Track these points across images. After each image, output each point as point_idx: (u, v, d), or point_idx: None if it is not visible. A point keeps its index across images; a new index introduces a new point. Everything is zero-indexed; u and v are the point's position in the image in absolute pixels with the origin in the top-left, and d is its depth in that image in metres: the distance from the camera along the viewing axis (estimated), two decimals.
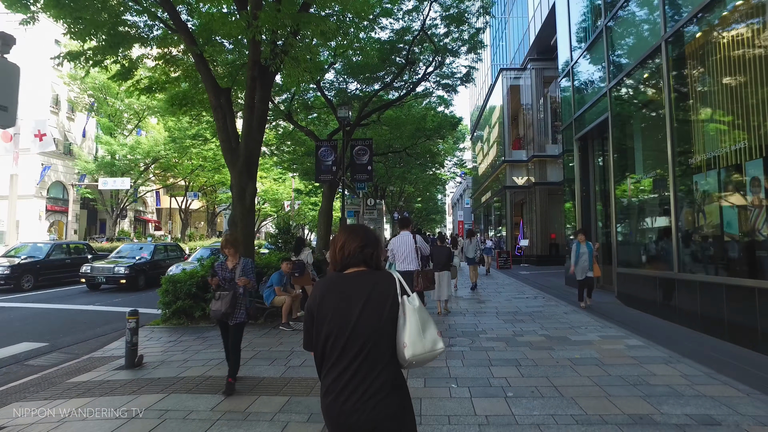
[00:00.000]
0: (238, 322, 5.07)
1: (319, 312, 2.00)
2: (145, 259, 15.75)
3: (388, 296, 2.01)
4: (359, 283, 2.03)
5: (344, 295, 2.00)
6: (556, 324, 8.28)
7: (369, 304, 1.97)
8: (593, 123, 12.17)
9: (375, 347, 1.94)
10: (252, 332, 8.00)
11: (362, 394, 1.90)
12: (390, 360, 1.98)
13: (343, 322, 1.95)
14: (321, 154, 13.23)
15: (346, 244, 2.10)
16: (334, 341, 1.95)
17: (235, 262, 5.14)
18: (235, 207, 9.10)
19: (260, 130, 9.32)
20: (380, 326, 1.95)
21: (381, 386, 1.92)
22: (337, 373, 1.94)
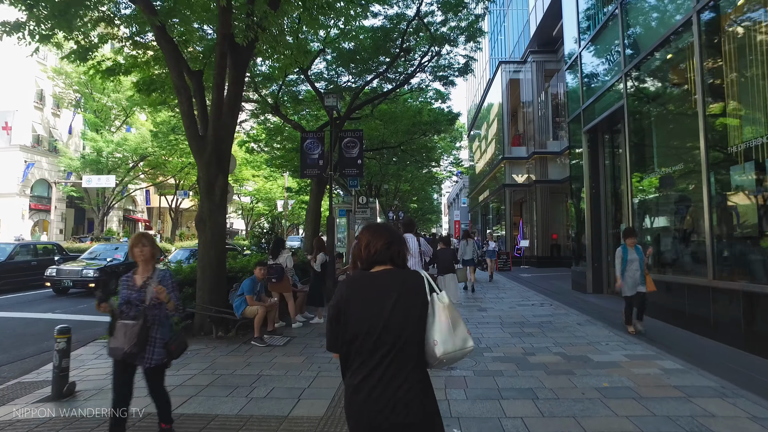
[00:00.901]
0: (153, 366, 3.54)
1: (346, 311, 1.96)
2: (119, 260, 14.57)
3: (417, 294, 1.98)
4: (388, 282, 2.00)
5: (373, 294, 1.97)
6: (570, 338, 7.19)
7: (399, 303, 1.93)
8: (605, 113, 11.08)
9: (405, 346, 1.91)
10: (218, 349, 6.87)
11: (393, 395, 1.87)
12: (419, 360, 1.95)
13: (372, 321, 1.91)
14: (306, 146, 12.10)
15: (371, 243, 2.07)
16: (363, 340, 1.92)
17: (147, 275, 3.58)
18: (203, 203, 7.96)
19: (232, 115, 8.17)
20: (410, 325, 1.93)
21: (411, 386, 1.89)
22: (366, 372, 1.91)
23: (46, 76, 37.16)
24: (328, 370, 5.70)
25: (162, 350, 3.56)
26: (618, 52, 10.34)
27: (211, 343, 7.24)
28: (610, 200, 12.11)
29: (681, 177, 8.33)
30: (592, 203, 12.26)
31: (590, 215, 12.27)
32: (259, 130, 22.45)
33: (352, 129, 13.49)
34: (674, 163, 8.55)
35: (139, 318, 3.43)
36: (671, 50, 8.34)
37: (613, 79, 10.53)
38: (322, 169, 11.98)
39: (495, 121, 27.98)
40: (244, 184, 49.23)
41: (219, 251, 7.94)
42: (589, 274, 12.11)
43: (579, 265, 13.04)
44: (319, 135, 12.22)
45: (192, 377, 5.49)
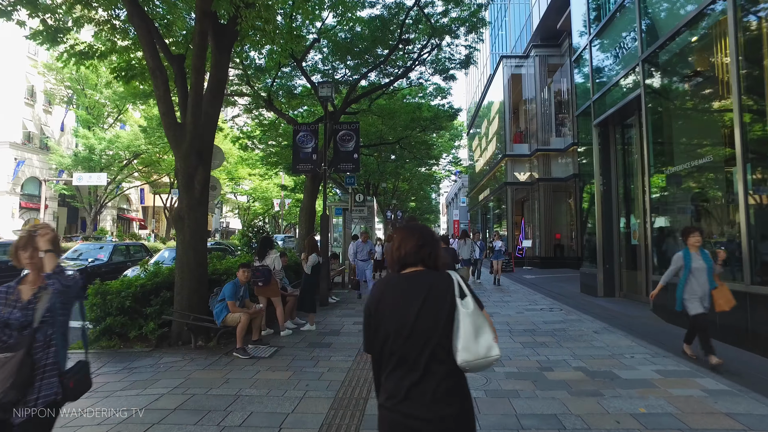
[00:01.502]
0: (36, 414, 2.35)
1: (376, 312, 1.96)
2: (101, 261, 13.79)
3: (445, 297, 1.91)
4: (416, 284, 1.97)
5: (401, 296, 1.94)
6: (589, 348, 6.45)
7: (426, 306, 1.90)
8: (618, 104, 10.35)
9: (437, 349, 1.86)
10: (195, 361, 6.11)
11: (428, 399, 1.83)
12: (451, 363, 1.87)
13: (400, 323, 1.89)
14: (299, 140, 11.32)
15: (402, 244, 2.05)
16: (392, 343, 1.90)
17: (38, 286, 2.49)
18: (181, 198, 7.20)
19: (215, 103, 7.42)
20: (437, 328, 1.87)
21: (446, 391, 1.85)
22: (398, 376, 1.89)
23: (37, 72, 36.37)
24: (316, 389, 4.95)
25: (55, 382, 2.43)
26: (633, 38, 9.60)
27: (188, 354, 6.49)
28: (622, 198, 11.37)
29: (710, 171, 7.60)
30: (602, 201, 11.52)
31: (601, 214, 11.53)
32: (252, 126, 21.68)
33: (347, 121, 12.70)
34: (701, 156, 7.81)
35: (18, 347, 2.32)
36: (699, 31, 7.59)
37: (628, 68, 9.79)
38: (315, 164, 11.22)
39: (496, 118, 27.24)
40: (240, 183, 48.49)
41: (199, 252, 7.18)
42: (600, 276, 11.38)
43: (588, 267, 12.31)
44: (312, 127, 11.46)
45: (159, 398, 4.73)
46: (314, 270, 8.23)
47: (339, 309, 10.44)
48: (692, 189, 8.20)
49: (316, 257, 8.19)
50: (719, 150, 7.25)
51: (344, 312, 10.02)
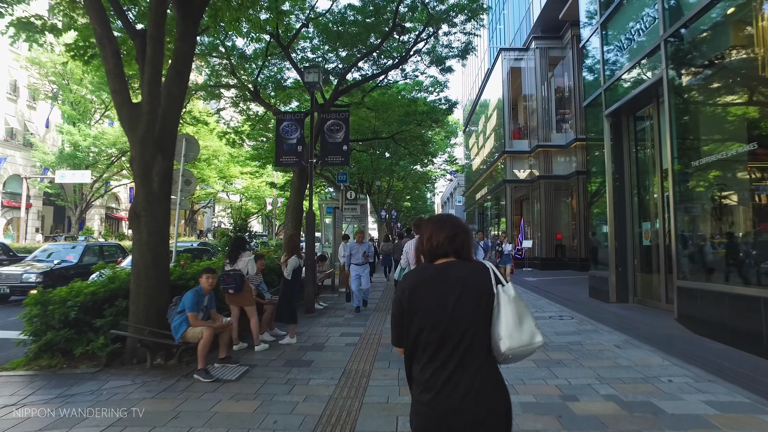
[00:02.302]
0: None
1: (410, 304, 1.90)
2: (70, 262, 12.70)
3: (483, 286, 1.88)
4: (452, 273, 1.91)
5: (437, 286, 1.89)
6: (616, 369, 5.46)
7: (464, 295, 1.85)
8: (635, 91, 9.40)
9: (474, 340, 1.83)
10: (147, 386, 5.08)
11: (465, 392, 1.78)
12: (488, 354, 1.86)
13: (437, 314, 1.85)
14: (283, 130, 10.28)
15: (434, 235, 2.00)
16: (428, 335, 1.85)
17: None
18: (137, 193, 6.17)
19: (180, 81, 6.37)
20: (476, 318, 1.84)
21: (483, 382, 1.81)
22: (434, 369, 1.83)
23: (19, 66, 35.13)
24: (286, 428, 3.94)
25: None
26: (654, 16, 8.63)
27: (142, 376, 5.45)
28: (636, 194, 10.42)
29: (750, 163, 6.62)
30: (615, 198, 10.56)
31: (613, 212, 10.56)
32: (242, 121, 20.64)
33: (336, 109, 11.67)
34: (738, 146, 6.83)
35: None
36: (736, 0, 6.62)
37: (648, 49, 8.81)
38: (300, 157, 10.19)
39: (494, 114, 26.28)
40: (233, 182, 47.41)
41: (158, 254, 6.15)
42: (612, 280, 10.42)
43: (598, 270, 11.34)
44: (297, 117, 10.42)
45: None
46: (295, 275, 7.21)
47: (326, 317, 9.43)
48: (727, 183, 7.23)
49: (296, 260, 7.16)
50: (760, 137, 6.29)
51: (331, 320, 9.01)
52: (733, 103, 7.16)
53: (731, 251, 7.09)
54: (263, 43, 15.28)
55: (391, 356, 6.25)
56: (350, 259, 9.98)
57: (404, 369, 2.01)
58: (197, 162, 37.94)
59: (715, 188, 7.54)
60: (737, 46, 6.80)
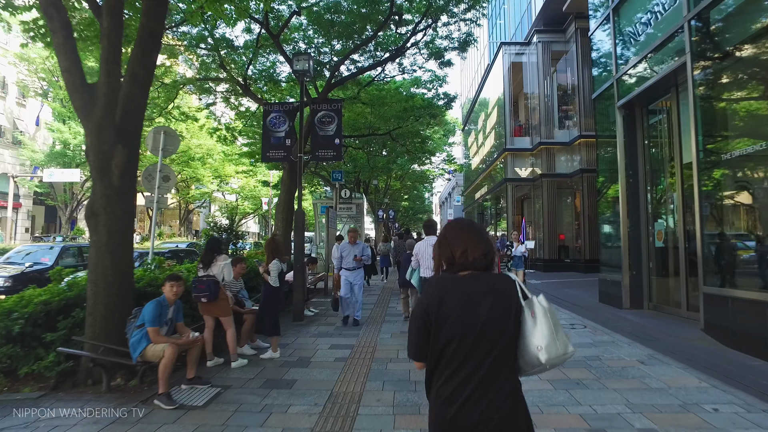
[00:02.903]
0: None
1: (438, 315, 1.86)
2: (44, 264, 11.88)
3: (510, 298, 1.88)
4: (480, 285, 1.90)
5: (466, 298, 1.87)
6: (647, 392, 4.69)
7: (494, 307, 1.84)
8: (652, 80, 8.64)
9: (501, 352, 1.82)
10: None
11: (489, 403, 1.78)
12: (513, 366, 1.88)
13: (468, 325, 1.82)
14: (270, 122, 9.49)
15: (470, 250, 1.94)
16: (457, 346, 1.82)
17: None
18: (94, 187, 5.39)
19: (145, 62, 5.57)
20: (506, 330, 1.83)
21: (508, 394, 1.81)
22: (459, 380, 1.82)
23: (8, 62, 34.25)
24: None
25: None
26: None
27: (95, 402, 4.67)
28: (651, 191, 9.67)
29: None
30: (628, 196, 9.80)
31: (626, 211, 9.81)
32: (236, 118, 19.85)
33: (328, 99, 10.88)
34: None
35: None
36: None
37: (668, 32, 8.05)
38: (289, 151, 9.40)
39: (495, 111, 25.52)
40: (228, 182, 46.63)
41: (120, 258, 5.36)
42: (625, 283, 9.67)
43: (609, 273, 10.58)
44: (285, 108, 9.62)
45: None
46: (279, 280, 6.42)
47: (316, 325, 8.64)
48: (765, 176, 6.46)
49: (278, 264, 6.37)
50: None
51: (321, 329, 8.22)
52: None
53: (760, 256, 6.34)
54: (253, 34, 14.58)
55: (386, 375, 5.49)
56: (341, 262, 8.62)
57: (423, 384, 1.98)
58: (191, 161, 37.29)
59: (750, 183, 6.78)
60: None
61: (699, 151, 7.25)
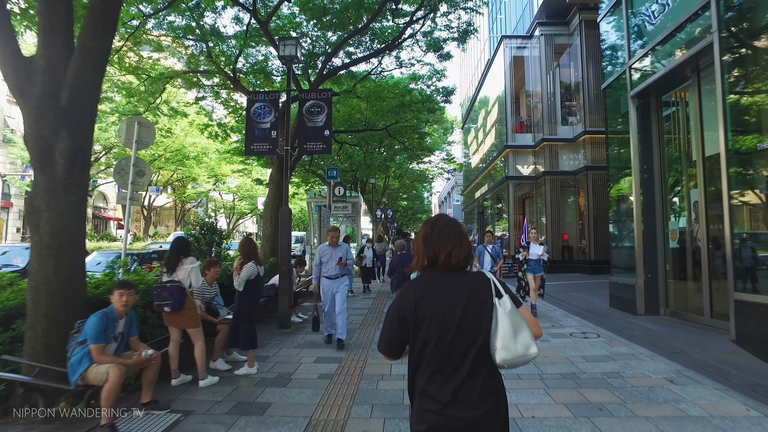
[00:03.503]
0: None
1: (416, 315, 1.87)
2: (16, 267, 11.10)
3: (486, 297, 1.90)
4: (458, 285, 1.92)
5: (443, 297, 1.89)
6: (687, 423, 3.94)
7: (470, 306, 1.87)
8: (671, 64, 7.89)
9: (481, 350, 1.85)
10: None
11: (474, 400, 1.82)
12: (493, 363, 1.87)
13: (446, 325, 1.85)
14: (254, 113, 8.73)
15: (453, 254, 1.95)
16: (436, 346, 1.84)
17: None
18: (35, 179, 4.63)
19: (97, 35, 4.77)
20: (483, 328, 1.86)
21: (490, 391, 1.85)
22: (442, 379, 1.85)
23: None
24: None
25: None
26: None
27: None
28: (668, 187, 8.93)
29: None
30: (643, 192, 9.06)
31: (640, 209, 9.07)
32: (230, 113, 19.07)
33: (318, 89, 10.11)
34: None
35: None
36: None
37: (691, 10, 7.29)
38: (275, 144, 8.63)
39: (495, 107, 24.76)
40: (225, 181, 45.88)
41: (67, 264, 4.58)
42: (639, 287, 8.92)
43: (621, 276, 9.83)
44: (271, 97, 8.85)
45: None
46: (253, 286, 5.66)
47: (302, 333, 7.88)
48: None
49: (253, 267, 5.60)
50: None
51: (308, 339, 7.46)
52: None
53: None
54: (243, 24, 13.87)
55: (376, 396, 4.74)
56: (320, 269, 7.00)
57: (407, 390, 2.01)
58: (186, 160, 36.50)
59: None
60: None
61: (728, 141, 6.49)
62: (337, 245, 7.13)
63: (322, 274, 7.05)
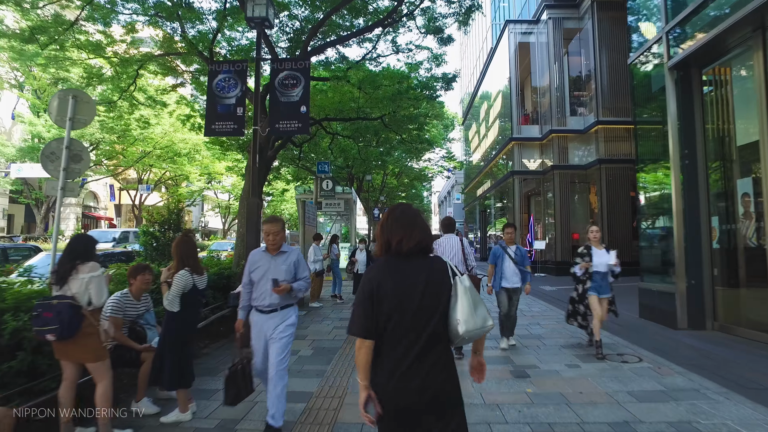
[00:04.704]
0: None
1: (378, 295, 2.04)
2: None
3: (443, 278, 2.09)
4: (417, 266, 2.11)
5: (403, 279, 2.07)
6: None
7: (429, 287, 2.06)
8: (728, 22, 6.39)
9: (436, 327, 2.04)
10: None
11: (426, 374, 2.00)
12: (446, 338, 2.08)
13: (404, 304, 2.03)
14: (217, 86, 7.23)
15: (404, 240, 2.13)
16: (396, 323, 2.02)
17: None
18: None
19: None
20: (440, 306, 2.05)
21: (444, 363, 2.05)
22: (400, 353, 2.02)
23: None
24: None
25: None
26: None
27: None
28: (718, 177, 7.44)
29: None
30: (684, 183, 7.56)
31: (681, 204, 7.58)
32: None
33: (292, 58, 8.62)
34: None
35: None
36: None
37: None
38: (240, 122, 7.13)
39: (499, 98, 23.27)
40: (221, 180, 44.47)
41: None
42: (680, 296, 7.42)
43: (654, 282, 8.34)
44: (238, 67, 7.36)
45: None
46: (190, 302, 4.13)
47: None
48: None
49: (187, 277, 4.08)
50: None
51: None
52: None
53: None
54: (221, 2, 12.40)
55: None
56: (249, 292, 4.07)
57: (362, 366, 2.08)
58: (177, 157, 35.03)
59: None
60: None
61: None
62: (278, 251, 4.03)
63: (253, 303, 4.03)
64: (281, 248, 4.04)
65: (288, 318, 3.98)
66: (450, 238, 6.38)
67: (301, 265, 4.12)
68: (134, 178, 42.16)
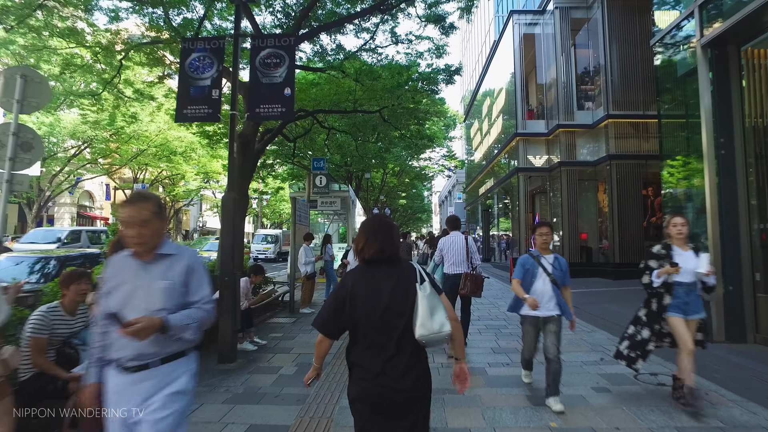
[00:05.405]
0: None
1: (350, 298, 2.18)
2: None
3: (411, 284, 2.20)
4: (387, 274, 2.24)
5: (374, 284, 2.21)
6: None
7: (396, 291, 2.18)
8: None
9: (405, 330, 2.15)
10: None
11: (400, 372, 2.13)
12: (417, 342, 2.15)
13: (374, 307, 2.16)
14: (190, 66, 6.36)
15: (365, 249, 2.29)
16: (367, 324, 2.16)
17: None
18: None
19: None
20: (407, 310, 2.16)
21: (415, 363, 2.18)
22: (373, 354, 2.15)
23: None
24: None
25: None
26: None
27: None
28: (761, 170, 6.55)
29: None
30: (722, 179, 6.66)
31: (717, 201, 6.68)
32: None
33: (275, 34, 7.72)
34: None
35: None
36: None
37: None
38: (216, 106, 6.25)
39: (503, 92, 22.37)
40: (219, 179, 43.59)
41: None
42: (716, 303, 6.52)
43: None
44: (214, 44, 6.48)
45: None
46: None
47: (248, 373, 5.49)
48: None
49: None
50: None
51: (251, 385, 5.05)
52: None
53: None
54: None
55: None
56: (103, 342, 2.31)
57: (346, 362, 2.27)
58: (173, 156, 34.16)
59: None
60: None
61: None
62: (152, 254, 2.30)
63: (108, 354, 2.29)
64: (159, 248, 2.30)
65: (174, 381, 2.26)
66: (456, 236, 6.53)
67: (196, 278, 2.36)
68: (130, 178, 41.36)
